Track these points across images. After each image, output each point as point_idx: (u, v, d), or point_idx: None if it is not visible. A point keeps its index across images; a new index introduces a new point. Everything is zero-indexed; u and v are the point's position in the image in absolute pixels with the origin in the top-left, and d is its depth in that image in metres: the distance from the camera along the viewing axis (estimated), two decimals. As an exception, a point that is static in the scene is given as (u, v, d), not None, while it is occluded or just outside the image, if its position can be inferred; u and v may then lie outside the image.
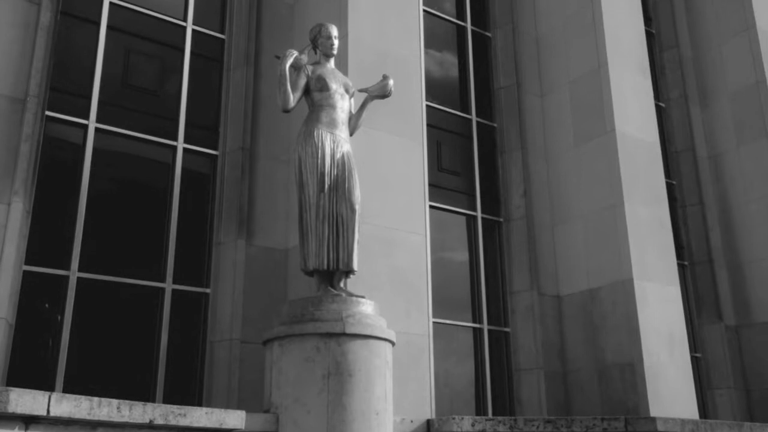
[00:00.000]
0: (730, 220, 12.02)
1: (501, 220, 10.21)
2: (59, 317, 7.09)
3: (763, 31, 12.44)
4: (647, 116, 10.41)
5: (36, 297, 7.06)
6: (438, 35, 10.73)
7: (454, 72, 10.81)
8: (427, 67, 9.74)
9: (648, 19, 12.81)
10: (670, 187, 11.34)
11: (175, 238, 7.92)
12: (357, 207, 5.91)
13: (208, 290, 8.00)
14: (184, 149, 8.29)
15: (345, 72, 7.46)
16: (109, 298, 7.50)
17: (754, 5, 12.51)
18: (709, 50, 13.00)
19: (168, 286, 7.76)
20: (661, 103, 12.50)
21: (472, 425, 6.46)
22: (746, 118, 12.16)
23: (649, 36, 12.44)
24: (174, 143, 8.25)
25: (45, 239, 7.21)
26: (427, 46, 9.98)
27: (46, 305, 7.16)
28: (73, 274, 7.22)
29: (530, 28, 11.24)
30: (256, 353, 6.92)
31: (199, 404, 7.52)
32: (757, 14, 12.47)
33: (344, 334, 5.40)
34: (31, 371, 6.84)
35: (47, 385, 6.75)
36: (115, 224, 7.75)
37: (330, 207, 5.83)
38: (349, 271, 5.89)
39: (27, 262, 6.95)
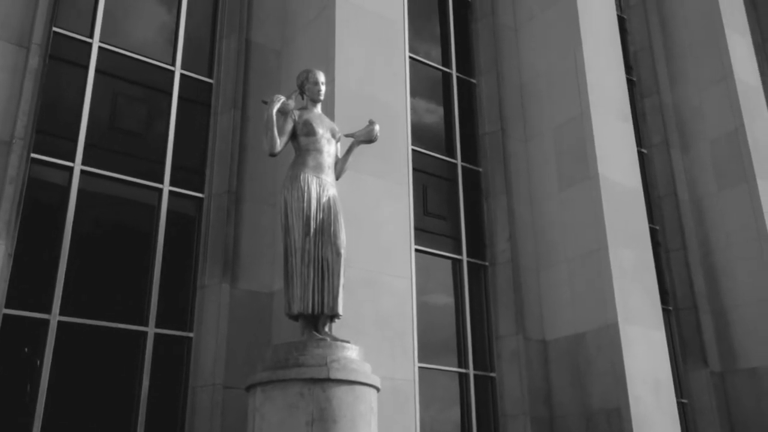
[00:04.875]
0: (713, 265, 12.11)
1: (486, 264, 10.23)
2: (38, 361, 6.97)
3: (740, 80, 12.76)
4: (630, 161, 10.56)
5: (15, 341, 6.94)
6: (424, 81, 10.89)
7: (440, 117, 10.94)
8: (413, 112, 9.86)
9: (629, 67, 13.10)
10: (653, 232, 11.45)
11: (159, 282, 7.86)
12: (342, 251, 5.89)
13: (191, 334, 7.91)
14: (170, 192, 8.29)
15: (331, 117, 7.53)
16: (91, 342, 7.38)
17: (731, 55, 12.86)
18: (689, 97, 13.29)
19: (150, 330, 7.66)
20: (643, 149, 12.69)
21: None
22: (726, 163, 12.38)
23: (630, 83, 12.71)
24: (160, 186, 8.25)
25: (26, 282, 7.12)
26: (413, 92, 10.11)
27: (26, 349, 7.04)
28: (54, 317, 7.12)
29: (514, 75, 11.44)
30: (239, 399, 6.81)
31: (180, 451, 7.37)
32: (735, 64, 12.82)
33: (329, 380, 5.33)
34: (9, 416, 6.69)
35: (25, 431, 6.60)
36: (98, 267, 7.68)
37: (315, 251, 5.81)
38: (334, 316, 5.84)
39: (7, 306, 6.85)
